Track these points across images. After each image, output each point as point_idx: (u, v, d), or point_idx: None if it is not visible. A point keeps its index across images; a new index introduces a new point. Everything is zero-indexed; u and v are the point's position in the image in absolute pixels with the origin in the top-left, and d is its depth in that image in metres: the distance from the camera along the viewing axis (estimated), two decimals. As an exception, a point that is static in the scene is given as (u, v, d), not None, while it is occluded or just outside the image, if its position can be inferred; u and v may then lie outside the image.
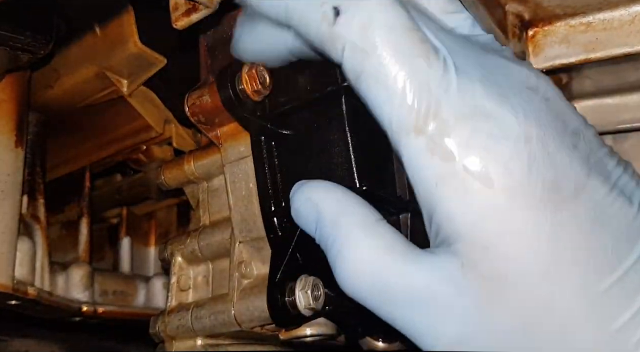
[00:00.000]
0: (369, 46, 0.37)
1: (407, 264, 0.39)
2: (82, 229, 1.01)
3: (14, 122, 0.79)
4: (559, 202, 0.37)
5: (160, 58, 0.84)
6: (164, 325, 0.67)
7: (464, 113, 0.37)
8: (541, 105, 0.39)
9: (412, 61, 0.37)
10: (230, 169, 0.64)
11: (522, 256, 0.37)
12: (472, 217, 0.37)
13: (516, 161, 0.37)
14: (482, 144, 0.37)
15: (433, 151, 0.37)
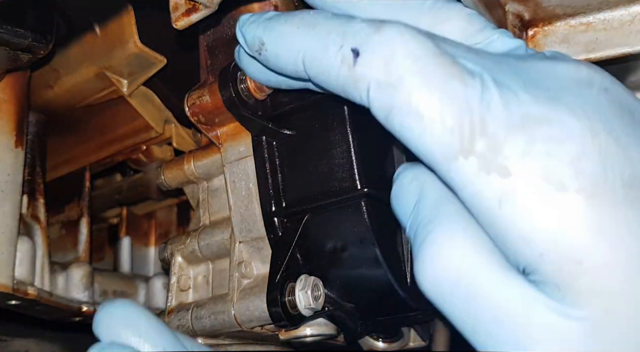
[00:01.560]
0: (396, 79, 0.34)
1: (506, 275, 0.35)
2: (82, 229, 1.01)
3: (14, 122, 0.79)
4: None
5: (160, 58, 0.84)
6: (164, 325, 0.67)
7: (514, 124, 0.33)
8: (600, 98, 0.35)
9: (445, 85, 0.34)
10: (230, 169, 0.64)
11: (624, 261, 0.32)
12: (552, 231, 0.32)
13: (587, 159, 0.33)
14: (542, 149, 0.33)
15: (488, 169, 0.33)
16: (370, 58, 0.35)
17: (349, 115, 0.55)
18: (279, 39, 0.39)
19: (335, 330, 0.61)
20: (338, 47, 0.36)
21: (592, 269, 0.32)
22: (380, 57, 0.35)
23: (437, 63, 0.34)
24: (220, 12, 0.53)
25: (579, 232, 0.32)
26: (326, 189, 0.56)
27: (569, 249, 0.32)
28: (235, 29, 0.50)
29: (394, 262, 0.55)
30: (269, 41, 0.40)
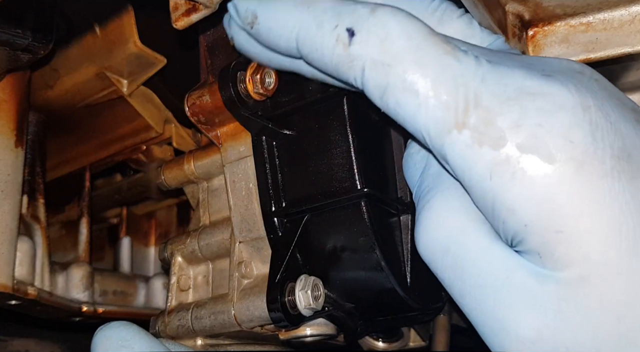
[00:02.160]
0: (390, 58, 0.35)
1: (492, 243, 0.36)
2: (82, 229, 1.01)
3: (14, 122, 0.79)
4: (634, 172, 0.33)
5: (160, 58, 0.84)
6: (164, 325, 0.67)
7: (508, 96, 0.34)
8: (592, 83, 0.36)
9: (439, 61, 0.35)
10: (230, 169, 0.64)
11: (603, 230, 0.32)
12: (537, 201, 0.33)
13: (577, 130, 0.33)
14: (534, 121, 0.34)
15: (481, 142, 0.34)
16: (365, 37, 0.36)
17: (348, 115, 0.55)
18: (273, 13, 0.39)
19: (335, 330, 0.61)
20: (333, 26, 0.37)
21: (571, 237, 0.33)
22: (375, 36, 0.36)
23: (430, 42, 0.36)
24: (220, 12, 0.53)
25: (561, 202, 0.33)
26: (326, 189, 0.55)
27: (551, 218, 0.33)
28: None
29: (394, 262, 0.55)
30: (263, 15, 0.40)
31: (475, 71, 0.35)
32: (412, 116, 0.36)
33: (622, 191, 0.33)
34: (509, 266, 0.35)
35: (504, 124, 0.34)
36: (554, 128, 0.33)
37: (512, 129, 0.34)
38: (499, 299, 0.35)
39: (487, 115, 0.34)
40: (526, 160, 0.33)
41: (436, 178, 0.40)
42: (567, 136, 0.33)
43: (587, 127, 0.33)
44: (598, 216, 0.33)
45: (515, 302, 0.34)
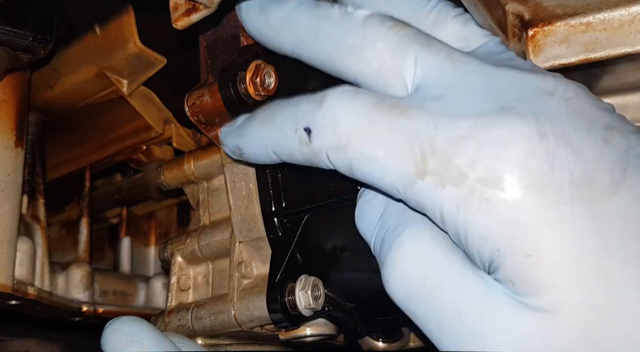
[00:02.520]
0: (345, 140, 0.39)
1: (468, 272, 0.37)
2: (82, 229, 1.01)
3: (14, 122, 0.79)
4: (595, 197, 0.34)
5: (160, 58, 0.84)
6: (164, 325, 0.67)
7: (462, 134, 0.36)
8: (559, 106, 0.37)
9: (390, 125, 0.38)
10: (230, 169, 0.64)
11: (568, 254, 0.33)
12: (505, 226, 0.34)
13: (533, 158, 0.34)
14: (490, 153, 0.35)
15: (443, 183, 0.36)
16: (319, 131, 0.40)
17: None
18: (249, 141, 0.46)
19: (335, 330, 0.61)
20: (294, 131, 0.42)
21: (541, 262, 0.33)
22: (327, 126, 0.40)
23: (377, 111, 0.38)
24: (220, 12, 0.53)
25: (527, 227, 0.34)
26: (326, 189, 0.55)
27: (519, 242, 0.34)
28: (235, 29, 0.50)
29: None
30: (244, 146, 0.47)
31: (427, 121, 0.37)
32: (379, 179, 0.38)
33: (582, 216, 0.34)
34: (486, 294, 0.35)
35: (461, 162, 0.35)
36: (510, 158, 0.34)
37: (470, 166, 0.35)
38: (477, 330, 0.35)
39: (444, 158, 0.36)
40: (488, 191, 0.34)
41: (400, 215, 0.41)
42: (524, 165, 0.34)
43: (543, 155, 0.34)
44: (562, 240, 0.33)
45: (494, 332, 0.35)
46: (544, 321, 0.33)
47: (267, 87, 0.59)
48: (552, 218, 0.34)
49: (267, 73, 0.59)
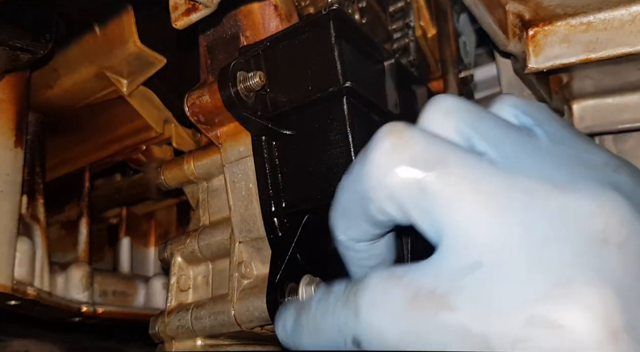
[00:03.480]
0: (395, 349, 0.36)
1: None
2: (81, 229, 1.01)
3: (13, 122, 0.79)
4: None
5: (160, 58, 0.84)
6: (164, 325, 0.67)
7: (518, 338, 0.32)
8: (617, 262, 0.32)
9: (435, 325, 0.34)
10: (230, 169, 0.64)
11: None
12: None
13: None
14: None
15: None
16: (368, 344, 0.37)
17: (348, 116, 0.55)
18: (308, 349, 0.43)
19: (336, 330, 0.61)
20: (344, 343, 0.39)
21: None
22: (373, 340, 0.37)
23: (416, 310, 0.34)
24: (220, 11, 0.53)
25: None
26: (326, 189, 0.55)
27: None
28: (235, 29, 0.50)
29: (395, 263, 0.55)
30: (304, 350, 0.44)
31: (474, 317, 0.33)
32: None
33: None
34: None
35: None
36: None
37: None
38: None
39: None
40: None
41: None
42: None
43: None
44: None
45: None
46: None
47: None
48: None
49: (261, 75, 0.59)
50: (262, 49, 0.60)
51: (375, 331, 0.36)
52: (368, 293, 0.37)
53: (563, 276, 0.32)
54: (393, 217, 0.37)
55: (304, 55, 0.57)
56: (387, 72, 0.65)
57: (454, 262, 0.34)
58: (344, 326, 0.38)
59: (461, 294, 0.33)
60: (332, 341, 0.40)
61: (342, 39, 0.56)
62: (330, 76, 0.55)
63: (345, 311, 0.38)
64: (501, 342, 0.32)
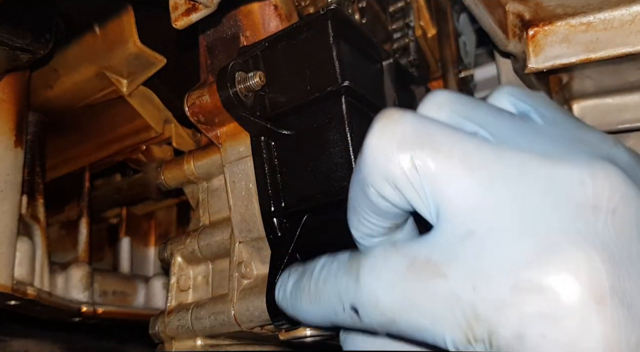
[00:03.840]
0: (390, 315, 0.37)
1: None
2: (81, 229, 1.01)
3: (13, 122, 0.79)
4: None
5: (160, 58, 0.84)
6: (164, 325, 0.67)
7: (504, 300, 0.32)
8: (607, 229, 0.33)
9: (428, 291, 0.35)
10: (230, 169, 0.64)
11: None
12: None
13: (589, 337, 0.31)
14: (536, 330, 0.32)
15: (493, 349, 0.33)
16: (365, 311, 0.38)
17: (347, 115, 0.55)
18: (305, 315, 0.44)
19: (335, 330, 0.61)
20: (342, 309, 0.40)
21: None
22: (369, 306, 0.37)
23: (412, 276, 0.35)
24: (220, 12, 0.53)
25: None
26: (325, 188, 0.55)
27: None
28: (235, 29, 0.50)
29: None
30: (300, 318, 0.44)
31: (464, 282, 0.33)
32: (436, 344, 0.36)
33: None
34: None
35: (507, 334, 0.32)
36: (558, 340, 0.31)
37: (517, 339, 0.32)
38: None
39: (489, 327, 0.33)
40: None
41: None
42: (574, 349, 0.31)
43: (600, 332, 0.30)
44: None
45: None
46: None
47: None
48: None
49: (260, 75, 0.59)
50: (261, 49, 0.60)
51: (373, 297, 0.37)
52: (370, 260, 0.38)
53: (551, 242, 0.32)
54: (393, 201, 0.37)
55: (303, 55, 0.57)
56: (386, 71, 0.65)
57: (449, 233, 0.35)
58: (344, 291, 0.39)
59: (453, 263, 0.34)
60: (330, 307, 0.40)
61: (341, 39, 0.56)
62: (329, 76, 0.55)
63: (347, 276, 0.39)
64: (487, 308, 0.33)
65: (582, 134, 0.39)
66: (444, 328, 0.34)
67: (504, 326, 0.32)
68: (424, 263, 0.35)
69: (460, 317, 0.34)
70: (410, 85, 0.72)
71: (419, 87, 0.73)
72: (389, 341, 0.42)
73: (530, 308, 0.31)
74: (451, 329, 0.34)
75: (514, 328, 0.32)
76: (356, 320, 0.39)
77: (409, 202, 0.37)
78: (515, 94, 0.42)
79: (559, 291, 0.31)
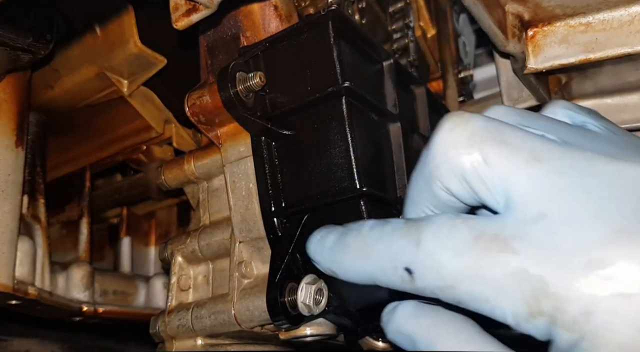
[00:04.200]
0: (450, 281, 0.37)
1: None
2: (82, 229, 1.01)
3: (14, 122, 0.79)
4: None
5: (160, 58, 0.84)
6: (164, 325, 0.67)
7: (575, 278, 0.33)
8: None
9: (493, 263, 0.35)
10: (230, 169, 0.64)
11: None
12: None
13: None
14: (605, 306, 0.32)
15: (557, 325, 0.34)
16: (422, 274, 0.38)
17: (347, 115, 0.55)
18: (345, 270, 0.44)
19: (335, 330, 0.61)
20: (393, 269, 0.40)
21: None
22: (429, 269, 0.38)
23: (479, 248, 0.36)
24: (220, 12, 0.53)
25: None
26: (325, 189, 0.56)
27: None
28: (235, 29, 0.50)
29: None
30: (339, 272, 0.45)
31: (535, 258, 0.34)
32: (491, 314, 0.37)
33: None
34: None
35: (575, 310, 0.33)
36: (627, 319, 0.32)
37: (585, 316, 0.33)
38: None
39: (557, 303, 0.34)
40: (600, 345, 0.33)
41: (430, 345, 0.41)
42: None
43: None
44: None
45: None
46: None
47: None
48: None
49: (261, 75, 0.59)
50: (261, 49, 0.60)
51: (435, 262, 0.37)
52: (433, 227, 0.38)
53: (622, 226, 0.33)
54: (459, 194, 0.38)
55: (303, 56, 0.58)
56: (386, 72, 0.65)
57: (519, 214, 0.36)
58: (399, 253, 0.39)
59: (524, 240, 0.35)
60: (379, 266, 0.41)
61: (341, 39, 0.56)
62: (329, 76, 0.55)
63: (405, 239, 0.39)
64: (558, 284, 0.33)
65: (637, 140, 0.40)
66: (507, 300, 0.35)
67: (574, 302, 0.33)
68: (492, 237, 0.36)
69: (528, 290, 0.34)
70: (410, 85, 0.72)
71: (419, 87, 0.73)
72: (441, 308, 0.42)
73: (602, 286, 0.32)
74: (514, 301, 0.35)
75: (584, 304, 0.33)
76: (407, 281, 0.39)
77: (476, 195, 0.38)
78: (570, 107, 0.43)
79: (632, 271, 0.32)
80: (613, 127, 0.42)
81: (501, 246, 0.35)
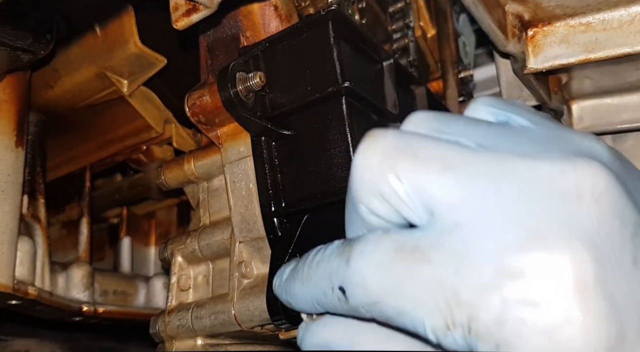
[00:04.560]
0: (375, 297, 0.37)
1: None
2: (82, 229, 1.01)
3: (14, 122, 0.79)
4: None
5: (160, 58, 0.84)
6: (164, 325, 0.67)
7: (486, 285, 0.32)
8: (590, 217, 0.33)
9: (412, 275, 0.35)
10: (230, 169, 0.64)
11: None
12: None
13: (568, 328, 0.31)
14: (517, 314, 0.32)
15: (472, 335, 0.34)
16: (352, 291, 0.39)
17: (347, 115, 0.55)
18: (296, 298, 0.45)
19: (335, 330, 0.61)
20: (331, 290, 0.40)
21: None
22: (356, 286, 0.38)
23: (399, 260, 0.36)
24: (220, 12, 0.53)
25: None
26: (325, 188, 0.56)
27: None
28: (235, 29, 0.50)
29: None
30: (292, 302, 0.46)
31: (447, 266, 0.34)
32: (415, 330, 0.36)
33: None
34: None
35: (488, 318, 0.32)
36: (538, 327, 0.31)
37: (498, 325, 0.32)
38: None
39: (470, 311, 0.33)
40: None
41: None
42: (555, 336, 0.31)
43: (581, 322, 0.31)
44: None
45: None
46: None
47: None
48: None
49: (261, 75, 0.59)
50: (261, 49, 0.60)
51: (360, 278, 0.38)
52: (361, 243, 0.39)
53: (534, 230, 0.32)
54: (382, 215, 0.38)
55: (303, 56, 0.58)
56: (386, 72, 0.65)
57: (438, 226, 0.35)
58: (334, 273, 0.40)
59: (439, 250, 0.35)
60: (320, 289, 0.41)
61: (341, 40, 0.56)
62: (329, 76, 0.55)
63: (338, 259, 0.40)
64: (469, 293, 0.33)
65: (561, 134, 0.40)
66: (423, 312, 0.35)
67: (486, 311, 0.32)
68: (411, 248, 0.36)
69: (441, 301, 0.34)
70: (410, 85, 0.72)
71: (419, 87, 0.73)
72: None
73: (513, 293, 0.32)
74: (431, 313, 0.34)
75: (495, 313, 0.32)
76: (343, 301, 0.39)
77: (398, 213, 0.37)
78: (492, 103, 0.42)
79: (542, 278, 0.31)
80: (538, 118, 0.41)
81: (418, 256, 0.35)
